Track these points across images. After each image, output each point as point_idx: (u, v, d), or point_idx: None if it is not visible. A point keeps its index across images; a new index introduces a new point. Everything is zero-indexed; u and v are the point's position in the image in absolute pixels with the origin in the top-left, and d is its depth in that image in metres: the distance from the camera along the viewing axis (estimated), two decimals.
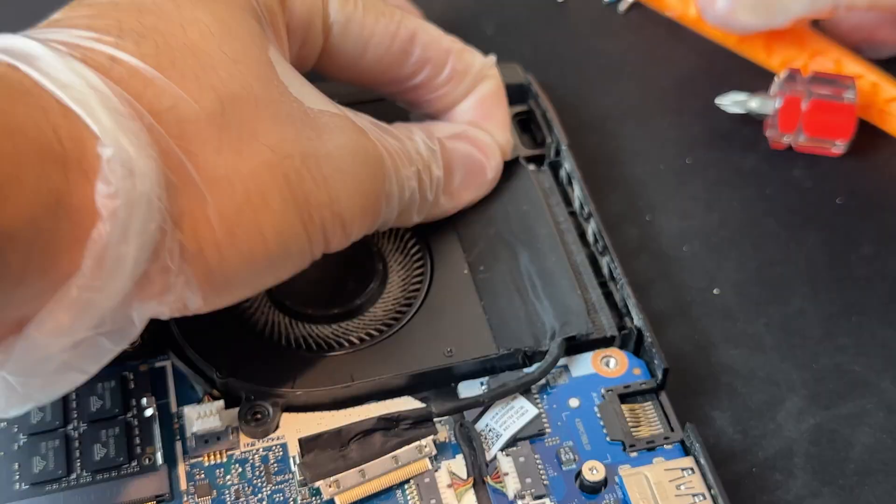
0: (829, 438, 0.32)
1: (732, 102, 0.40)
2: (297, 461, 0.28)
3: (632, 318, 0.32)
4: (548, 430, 0.30)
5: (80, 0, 0.26)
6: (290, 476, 0.28)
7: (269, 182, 0.25)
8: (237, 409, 0.29)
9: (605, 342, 0.31)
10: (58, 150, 0.21)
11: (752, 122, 0.41)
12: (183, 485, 0.28)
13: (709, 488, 0.28)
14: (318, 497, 0.28)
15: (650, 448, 0.29)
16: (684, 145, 0.41)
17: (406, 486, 0.28)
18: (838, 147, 0.40)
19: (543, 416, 0.30)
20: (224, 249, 0.24)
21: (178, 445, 0.29)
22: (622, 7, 0.45)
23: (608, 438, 0.29)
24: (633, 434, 0.29)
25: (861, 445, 0.32)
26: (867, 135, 0.41)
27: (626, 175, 0.39)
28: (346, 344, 0.31)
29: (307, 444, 0.28)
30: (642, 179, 0.39)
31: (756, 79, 0.42)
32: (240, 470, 0.29)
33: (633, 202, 0.38)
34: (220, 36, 0.26)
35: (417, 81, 0.33)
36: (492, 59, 0.34)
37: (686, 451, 0.29)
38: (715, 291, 0.36)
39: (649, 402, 0.30)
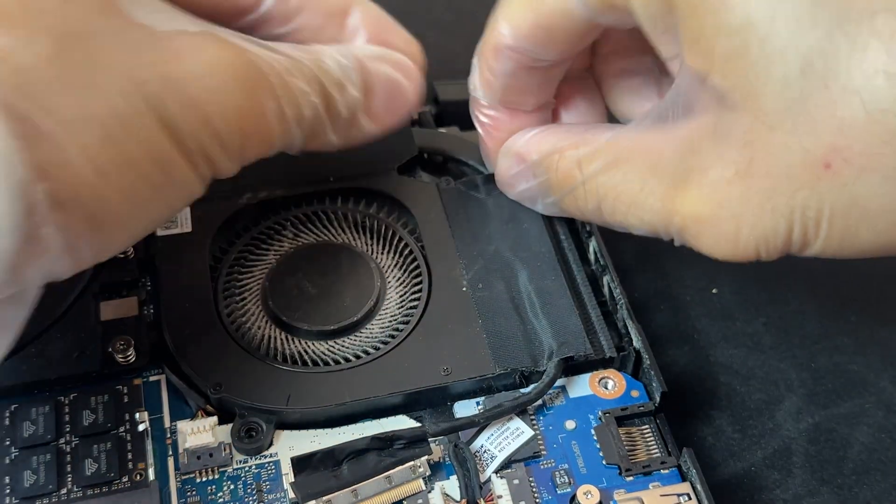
0: (827, 437, 0.32)
1: None
2: (290, 480, 0.28)
3: (631, 340, 0.31)
4: (543, 452, 0.29)
5: None
6: (283, 494, 0.28)
7: (130, 112, 0.24)
8: (230, 426, 0.29)
9: (604, 363, 0.31)
10: None
11: None
12: (174, 502, 0.28)
13: None
14: None
15: (646, 472, 0.29)
16: None
17: None
18: None
19: (539, 437, 0.30)
20: (100, 189, 0.23)
21: (171, 461, 0.29)
22: None
23: (604, 462, 0.29)
24: (630, 458, 0.29)
25: (859, 444, 0.32)
26: None
27: None
28: (342, 361, 0.30)
29: (300, 463, 0.28)
30: None
31: None
32: (231, 487, 0.28)
33: None
34: None
35: (263, 11, 0.31)
36: None
37: (683, 477, 0.29)
38: (714, 291, 0.36)
39: (647, 425, 0.30)
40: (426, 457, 0.28)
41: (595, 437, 0.30)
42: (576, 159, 0.30)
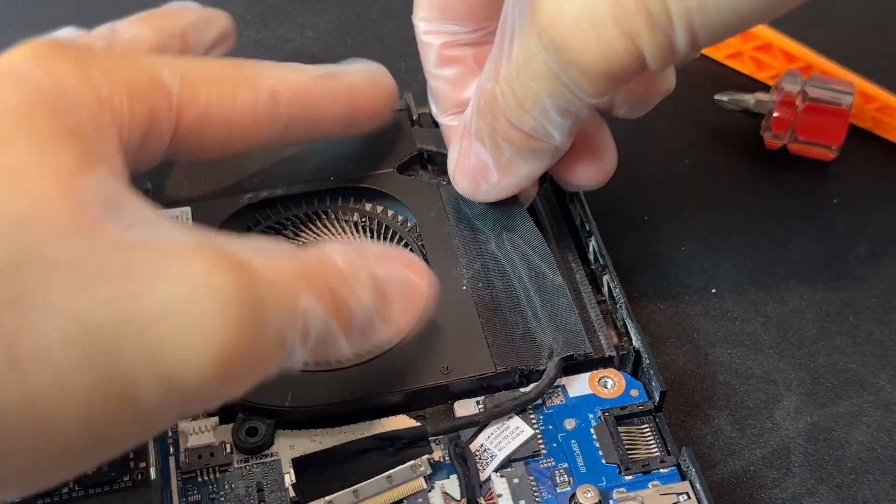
0: (825, 437, 0.33)
1: (730, 99, 0.41)
2: (291, 480, 0.28)
3: (631, 339, 0.31)
4: (543, 452, 0.29)
5: None
6: (283, 494, 0.28)
7: (77, 362, 0.20)
8: (231, 425, 0.29)
9: (603, 362, 0.31)
10: None
11: (750, 123, 0.41)
12: (175, 501, 0.28)
13: None
14: None
15: (646, 471, 0.29)
16: (682, 146, 0.41)
17: None
18: (833, 151, 0.40)
19: (539, 436, 0.30)
20: (40, 447, 0.20)
21: (172, 461, 0.29)
22: None
23: (604, 461, 0.29)
24: (630, 457, 0.29)
25: (857, 443, 0.32)
26: (862, 137, 0.42)
27: (624, 176, 0.39)
28: (343, 360, 0.30)
29: (300, 463, 0.28)
30: (640, 180, 0.39)
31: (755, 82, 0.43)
32: (232, 487, 0.28)
33: (631, 203, 0.39)
34: (2, 194, 0.21)
35: (292, 133, 0.31)
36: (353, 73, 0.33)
37: (682, 476, 0.29)
38: (713, 291, 0.36)
39: (646, 425, 0.30)
40: (427, 456, 0.29)
41: (594, 437, 0.30)
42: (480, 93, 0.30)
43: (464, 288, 0.32)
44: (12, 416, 0.20)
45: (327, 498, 0.27)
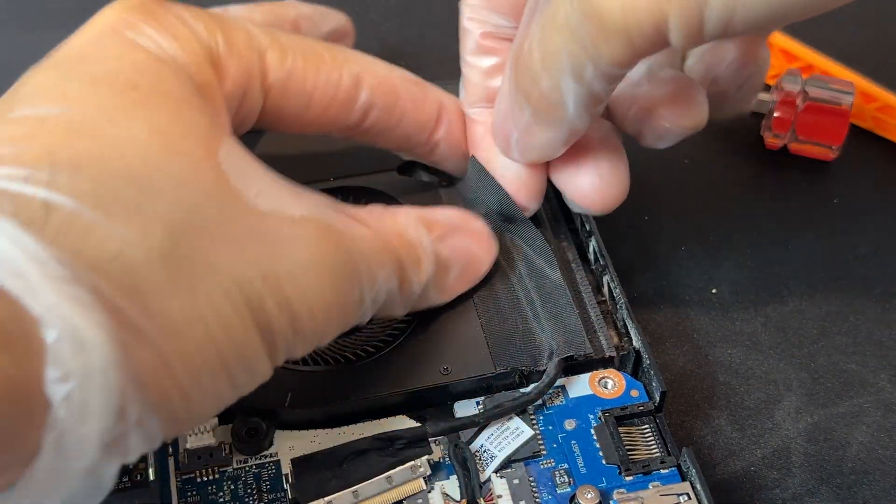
0: (826, 437, 0.33)
1: None
2: (290, 481, 0.28)
3: (631, 340, 0.31)
4: (543, 452, 0.29)
5: (4, 115, 0.24)
6: (283, 494, 0.28)
7: (231, 313, 0.23)
8: (230, 426, 0.29)
9: (603, 363, 0.31)
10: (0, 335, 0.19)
11: (751, 123, 0.41)
12: (174, 502, 0.28)
13: None
14: None
15: (646, 472, 0.29)
16: (682, 146, 0.41)
17: None
18: (833, 151, 0.40)
19: (539, 437, 0.30)
20: (189, 393, 0.23)
21: (171, 461, 0.29)
22: None
23: (604, 461, 0.29)
24: (630, 457, 0.29)
25: (858, 444, 0.32)
26: (863, 137, 0.41)
27: None
28: (342, 360, 0.30)
29: (300, 464, 0.28)
30: (641, 180, 0.39)
31: None
32: (232, 488, 0.28)
33: (631, 203, 0.39)
34: (162, 154, 0.23)
35: (367, 125, 0.31)
36: (449, 95, 0.33)
37: (682, 477, 0.29)
38: (713, 291, 0.36)
39: (647, 425, 0.30)
40: (426, 456, 0.28)
41: (595, 437, 0.30)
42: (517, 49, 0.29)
43: None
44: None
45: (327, 498, 0.27)
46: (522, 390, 0.30)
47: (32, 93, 0.24)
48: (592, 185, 0.32)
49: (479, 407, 0.30)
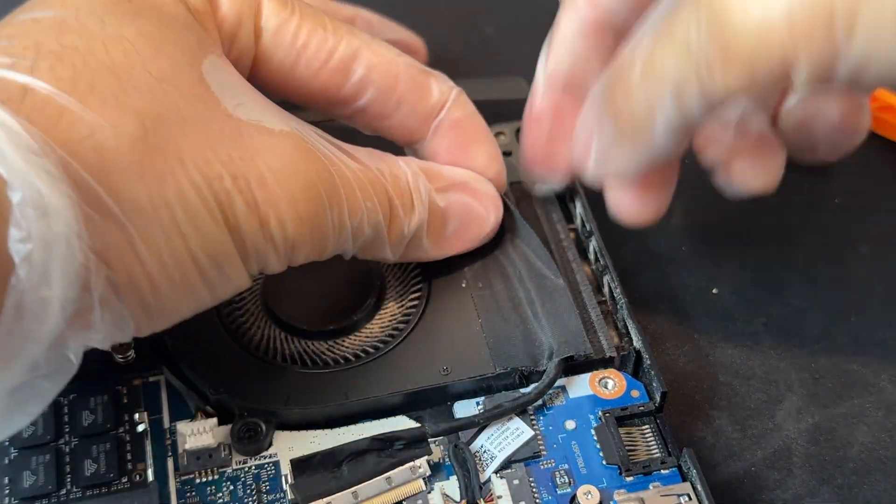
0: (827, 437, 0.32)
1: None
2: (289, 481, 0.28)
3: (631, 340, 0.31)
4: (543, 453, 0.29)
5: (6, 20, 0.25)
6: (282, 495, 0.28)
7: (198, 205, 0.24)
8: (230, 426, 0.29)
9: (604, 363, 0.31)
10: None
11: None
12: (174, 502, 0.28)
13: None
14: None
15: (646, 473, 0.29)
16: None
17: None
18: None
19: (539, 437, 0.30)
20: (156, 279, 0.24)
21: (170, 462, 0.29)
22: None
23: (604, 462, 0.29)
24: (630, 457, 0.29)
25: (859, 444, 0.32)
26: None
27: None
28: (342, 361, 0.30)
29: (299, 464, 0.28)
30: None
31: None
32: (231, 488, 0.28)
33: None
34: (146, 54, 0.25)
35: (361, 104, 0.30)
36: (456, 88, 0.31)
37: (683, 477, 0.29)
38: (714, 291, 0.36)
39: (647, 425, 0.30)
40: (426, 457, 0.28)
41: (595, 438, 0.30)
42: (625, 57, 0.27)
43: (463, 287, 0.32)
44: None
45: (326, 499, 0.27)
46: (522, 390, 0.30)
47: (32, 4, 0.26)
48: (633, 206, 0.32)
49: (479, 407, 0.30)
